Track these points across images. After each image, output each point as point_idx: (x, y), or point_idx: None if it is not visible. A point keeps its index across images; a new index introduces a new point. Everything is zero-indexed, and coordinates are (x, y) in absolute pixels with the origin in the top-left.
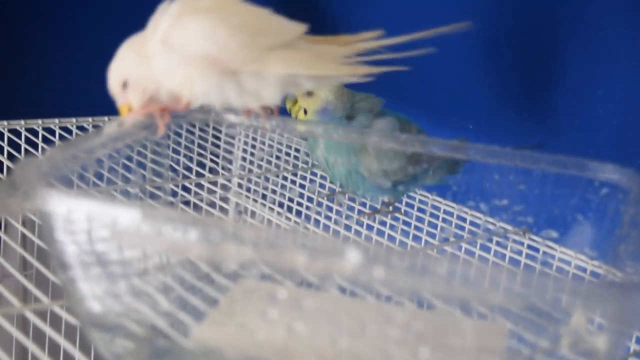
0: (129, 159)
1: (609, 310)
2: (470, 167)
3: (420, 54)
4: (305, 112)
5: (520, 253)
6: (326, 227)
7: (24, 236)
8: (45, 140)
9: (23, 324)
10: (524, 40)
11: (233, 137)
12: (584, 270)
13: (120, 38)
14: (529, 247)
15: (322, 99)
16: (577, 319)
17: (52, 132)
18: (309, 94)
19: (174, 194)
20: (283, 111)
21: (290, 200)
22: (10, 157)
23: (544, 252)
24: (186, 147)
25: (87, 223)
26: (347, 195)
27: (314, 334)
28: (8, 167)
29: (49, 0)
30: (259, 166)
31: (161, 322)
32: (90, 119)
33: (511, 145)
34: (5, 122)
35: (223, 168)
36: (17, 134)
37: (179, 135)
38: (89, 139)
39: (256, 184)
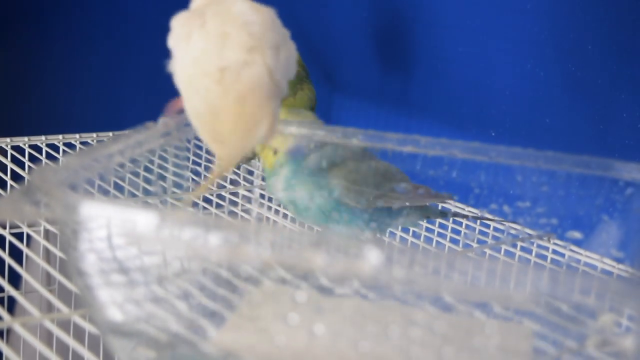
0: (149, 170)
1: (637, 310)
2: (493, 169)
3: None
4: (276, 152)
5: (545, 257)
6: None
7: (47, 250)
8: (66, 155)
9: (48, 338)
10: (547, 47)
11: None
12: (610, 274)
13: (131, 58)
14: (554, 251)
15: (294, 137)
16: (604, 319)
17: (73, 147)
18: None
19: (195, 205)
20: None
21: None
22: (30, 171)
23: (569, 256)
24: (207, 159)
25: (106, 229)
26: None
27: (335, 337)
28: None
29: (64, 23)
30: None
31: (182, 328)
32: (110, 134)
33: None
34: (25, 138)
35: (244, 179)
36: (38, 149)
37: (199, 147)
38: (107, 146)
39: None
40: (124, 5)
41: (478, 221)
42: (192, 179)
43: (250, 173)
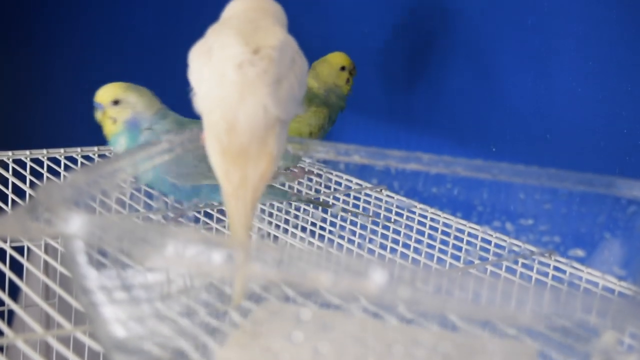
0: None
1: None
2: (496, 186)
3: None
4: (115, 121)
5: (546, 275)
6: (349, 251)
7: (46, 263)
8: (67, 168)
9: (46, 352)
10: (547, 63)
11: None
12: (612, 291)
13: (132, 72)
14: (555, 268)
15: (131, 109)
16: (607, 338)
17: (74, 161)
18: (116, 102)
19: (196, 220)
20: None
21: (313, 224)
22: (32, 185)
23: (571, 274)
24: None
25: (110, 247)
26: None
27: (339, 356)
28: (30, 195)
29: (66, 37)
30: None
31: (185, 345)
32: (112, 147)
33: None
34: (27, 152)
35: None
36: (40, 162)
37: None
38: (111, 163)
39: (278, 208)
40: (126, 20)
41: (479, 238)
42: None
43: None
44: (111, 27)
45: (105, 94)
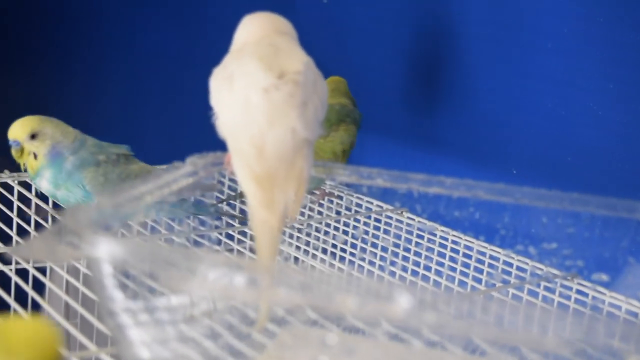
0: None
1: None
2: (518, 210)
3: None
4: (36, 156)
5: (569, 298)
6: (370, 274)
7: (67, 283)
8: None
9: None
10: (568, 86)
11: None
12: (635, 315)
13: (143, 94)
14: (578, 292)
15: (51, 140)
16: None
17: None
18: (33, 136)
19: (219, 242)
20: None
21: (334, 246)
22: (55, 206)
23: (594, 297)
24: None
25: (136, 269)
26: None
27: None
28: (53, 217)
29: (75, 60)
30: (302, 213)
31: None
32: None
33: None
34: None
35: None
36: None
37: (223, 183)
38: (136, 186)
39: (300, 230)
40: (136, 38)
41: (501, 261)
42: (217, 217)
43: None
44: (123, 45)
45: (20, 130)
